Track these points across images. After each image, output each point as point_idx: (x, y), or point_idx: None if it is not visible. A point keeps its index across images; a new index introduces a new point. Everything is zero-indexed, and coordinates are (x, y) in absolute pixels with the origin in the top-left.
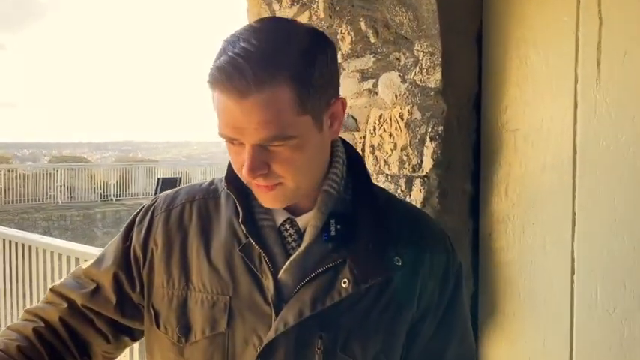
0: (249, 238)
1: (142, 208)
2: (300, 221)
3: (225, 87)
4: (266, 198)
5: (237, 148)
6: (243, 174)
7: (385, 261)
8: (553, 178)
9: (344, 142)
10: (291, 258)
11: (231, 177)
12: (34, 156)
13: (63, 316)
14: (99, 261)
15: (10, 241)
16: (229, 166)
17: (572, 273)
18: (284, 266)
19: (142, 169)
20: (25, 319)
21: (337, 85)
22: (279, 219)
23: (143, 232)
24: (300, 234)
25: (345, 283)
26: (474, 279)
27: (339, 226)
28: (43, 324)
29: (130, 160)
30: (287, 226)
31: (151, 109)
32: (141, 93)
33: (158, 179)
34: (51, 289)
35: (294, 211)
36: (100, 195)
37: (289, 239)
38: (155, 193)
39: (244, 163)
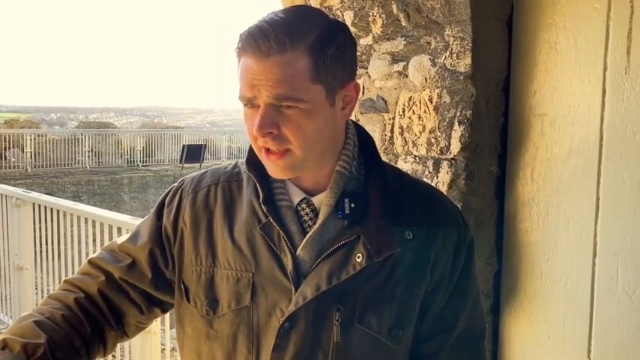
0: (269, 217)
1: (170, 189)
2: (316, 200)
3: (250, 48)
4: (275, 166)
5: (253, 112)
6: (254, 131)
7: (396, 236)
8: (579, 162)
9: (355, 124)
10: (308, 236)
11: (252, 159)
12: (61, 120)
13: (101, 288)
14: (134, 237)
15: (45, 207)
16: (250, 149)
17: (594, 256)
18: (301, 244)
19: (167, 136)
20: (65, 289)
21: (353, 70)
22: (296, 199)
23: (173, 212)
24: (316, 213)
25: (359, 257)
26: (498, 258)
27: (352, 205)
28: (83, 295)
29: (155, 126)
30: (303, 206)
31: (175, 75)
32: (165, 58)
33: (183, 146)
34: (88, 262)
35: (310, 191)
36: (127, 160)
37: (306, 218)
38: (181, 160)
39: (255, 124)
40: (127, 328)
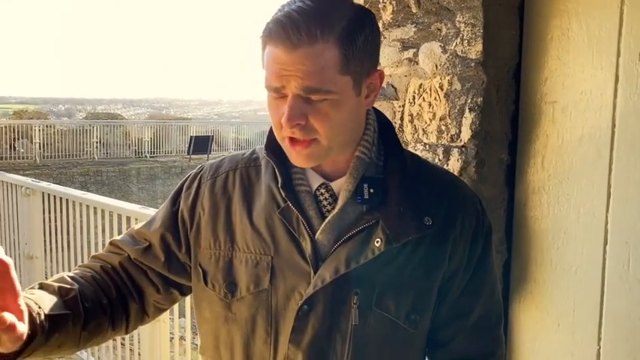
0: (288, 202)
1: (189, 176)
2: (335, 186)
3: (280, 38)
4: (299, 155)
5: (279, 102)
6: (283, 122)
7: (415, 221)
8: (590, 150)
9: (375, 110)
10: (327, 220)
11: (271, 145)
12: (69, 111)
13: (123, 262)
14: (150, 222)
15: (54, 196)
16: (269, 135)
17: (605, 243)
18: (320, 228)
19: (174, 127)
20: (93, 261)
21: (377, 59)
22: (315, 184)
23: (191, 197)
24: (335, 198)
25: (377, 242)
26: (508, 247)
27: (371, 190)
28: (109, 265)
29: (162, 117)
30: (322, 191)
31: (183, 67)
32: (173, 50)
33: (191, 137)
34: (110, 243)
35: (328, 176)
36: (135, 151)
37: (325, 203)
38: (188, 151)
39: (284, 114)
40: (147, 306)
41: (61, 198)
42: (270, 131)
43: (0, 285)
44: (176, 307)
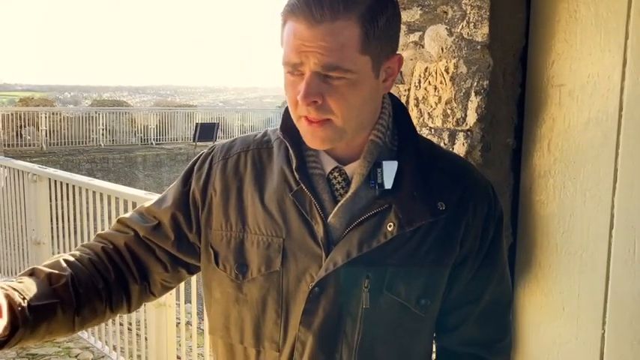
0: (301, 184)
1: (200, 156)
2: (348, 169)
3: (302, 13)
4: (313, 135)
5: (296, 79)
6: (299, 99)
7: (429, 206)
8: (597, 134)
9: (390, 94)
10: (340, 204)
11: (286, 126)
12: (75, 99)
13: (128, 243)
14: (160, 201)
15: (61, 182)
16: (284, 116)
17: (611, 228)
18: (333, 211)
19: (180, 114)
20: (96, 241)
21: (397, 43)
22: (328, 167)
23: (202, 178)
24: (348, 182)
25: (390, 226)
26: (513, 231)
27: (385, 174)
28: (111, 246)
29: (168, 104)
30: (335, 174)
31: (188, 53)
32: (178, 36)
33: (197, 124)
34: (118, 221)
35: (342, 160)
36: (141, 139)
37: (337, 186)
38: (194, 138)
39: (300, 92)
40: (153, 287)
41: (67, 184)
42: (285, 112)
43: None
44: (182, 292)
